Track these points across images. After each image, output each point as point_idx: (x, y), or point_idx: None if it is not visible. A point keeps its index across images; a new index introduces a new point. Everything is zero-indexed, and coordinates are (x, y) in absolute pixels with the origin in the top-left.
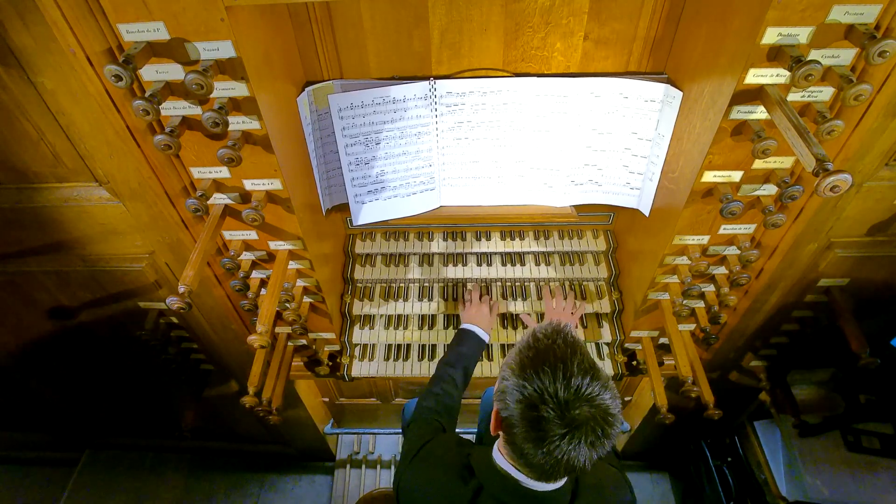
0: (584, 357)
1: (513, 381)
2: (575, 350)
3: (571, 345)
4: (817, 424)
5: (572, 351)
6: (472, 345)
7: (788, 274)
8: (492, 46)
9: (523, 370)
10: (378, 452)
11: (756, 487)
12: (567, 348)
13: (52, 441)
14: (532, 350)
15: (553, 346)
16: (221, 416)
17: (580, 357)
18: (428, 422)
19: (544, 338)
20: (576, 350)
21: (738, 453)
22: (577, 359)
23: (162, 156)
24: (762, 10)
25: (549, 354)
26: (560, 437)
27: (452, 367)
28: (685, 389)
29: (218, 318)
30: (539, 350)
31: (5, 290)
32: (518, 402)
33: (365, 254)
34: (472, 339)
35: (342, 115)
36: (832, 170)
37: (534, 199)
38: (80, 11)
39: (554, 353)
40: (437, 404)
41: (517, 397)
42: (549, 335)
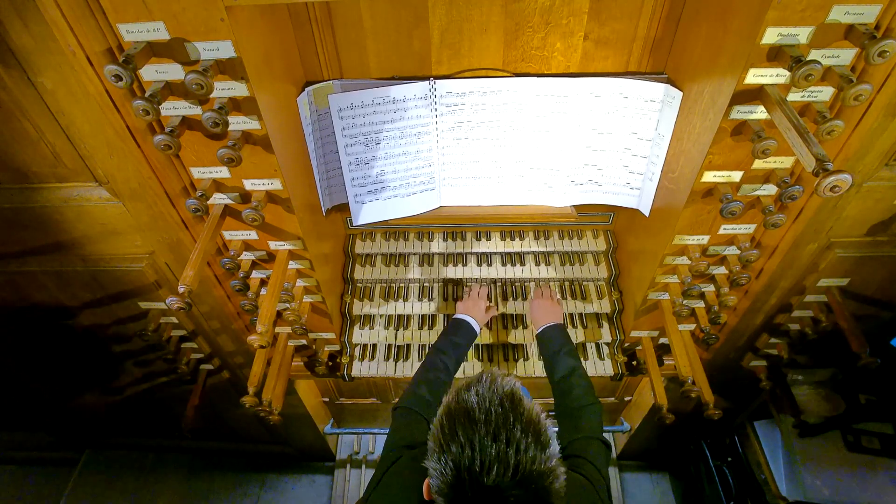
0: (515, 429)
1: (433, 463)
2: (504, 422)
3: (499, 415)
4: (817, 424)
5: (497, 426)
6: (466, 335)
7: (788, 274)
8: (492, 46)
9: (442, 451)
10: (378, 452)
11: (756, 487)
12: (490, 422)
13: (52, 441)
14: (450, 424)
15: (471, 423)
16: (221, 416)
17: (507, 432)
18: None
19: (462, 410)
20: (506, 421)
21: (738, 453)
22: (504, 436)
23: (162, 156)
24: (762, 10)
25: (469, 433)
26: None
27: (446, 356)
28: (685, 389)
29: (218, 318)
30: (456, 425)
31: (5, 290)
32: (441, 493)
33: (365, 254)
34: (466, 330)
35: (342, 115)
36: (832, 170)
37: (534, 199)
38: (80, 11)
39: (472, 430)
40: (429, 393)
41: (440, 487)
42: (469, 407)
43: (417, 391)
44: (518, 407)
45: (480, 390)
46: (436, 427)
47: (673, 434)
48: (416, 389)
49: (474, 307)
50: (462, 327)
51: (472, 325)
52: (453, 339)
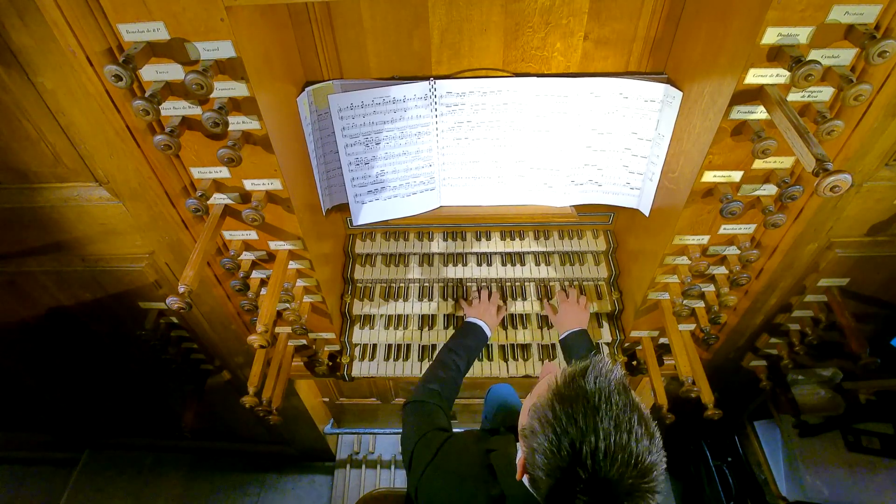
0: (634, 418)
1: (541, 442)
2: (624, 410)
3: (618, 404)
4: (817, 424)
5: (618, 414)
6: (478, 339)
7: (788, 274)
8: (492, 46)
9: (555, 432)
10: (378, 452)
11: (756, 487)
12: (612, 411)
13: (52, 441)
14: (568, 407)
15: (595, 409)
16: (221, 416)
17: (629, 422)
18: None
19: (585, 394)
20: (625, 409)
21: (738, 453)
22: (626, 426)
23: (162, 156)
24: (762, 10)
25: (591, 419)
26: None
27: (457, 356)
28: (685, 389)
29: (218, 318)
30: (576, 410)
31: (5, 290)
32: (546, 473)
33: (365, 254)
34: (477, 333)
35: (342, 115)
36: (832, 170)
37: (534, 199)
38: (80, 11)
39: (595, 417)
40: (441, 389)
41: (545, 467)
42: (591, 392)
43: (430, 386)
44: (632, 396)
45: (598, 377)
46: (544, 409)
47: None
48: (429, 386)
49: (486, 311)
50: (474, 331)
51: (483, 329)
52: (465, 341)
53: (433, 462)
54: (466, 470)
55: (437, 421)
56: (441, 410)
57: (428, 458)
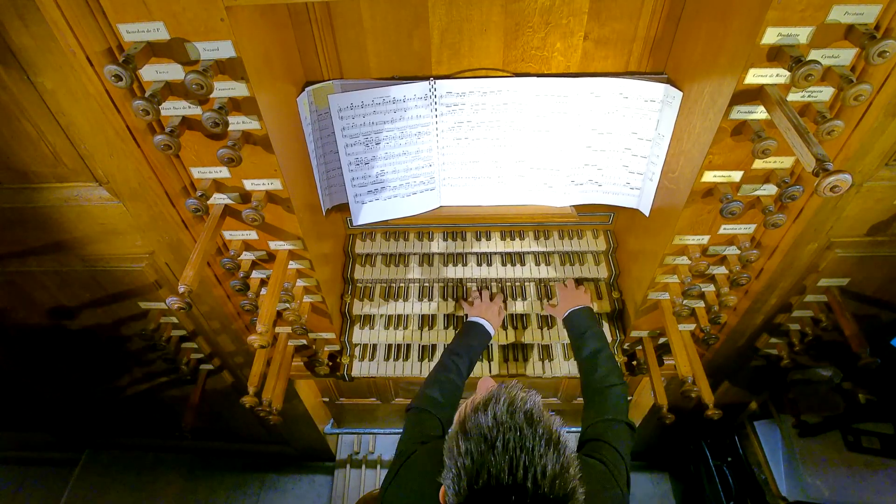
0: (546, 441)
1: (449, 474)
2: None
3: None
4: (817, 424)
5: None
6: (480, 337)
7: (788, 274)
8: (492, 46)
9: (459, 459)
10: (378, 452)
11: (756, 487)
12: (522, 436)
13: (52, 441)
14: (469, 436)
15: (497, 433)
16: (221, 416)
17: (533, 446)
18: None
19: (487, 418)
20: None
21: (738, 453)
22: (530, 450)
23: (162, 156)
24: (762, 10)
25: (491, 445)
26: None
27: (459, 357)
28: (685, 389)
29: (218, 318)
30: (479, 433)
31: (5, 290)
32: (454, 500)
33: (365, 254)
34: (480, 332)
35: (342, 115)
36: (832, 170)
37: (534, 199)
38: (80, 11)
39: (495, 443)
40: (441, 395)
41: (453, 497)
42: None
43: (429, 393)
44: (537, 428)
45: (498, 411)
46: (451, 444)
47: (673, 434)
48: (428, 391)
49: (488, 310)
50: (476, 330)
51: (486, 327)
52: (467, 341)
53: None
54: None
55: (425, 431)
56: (436, 419)
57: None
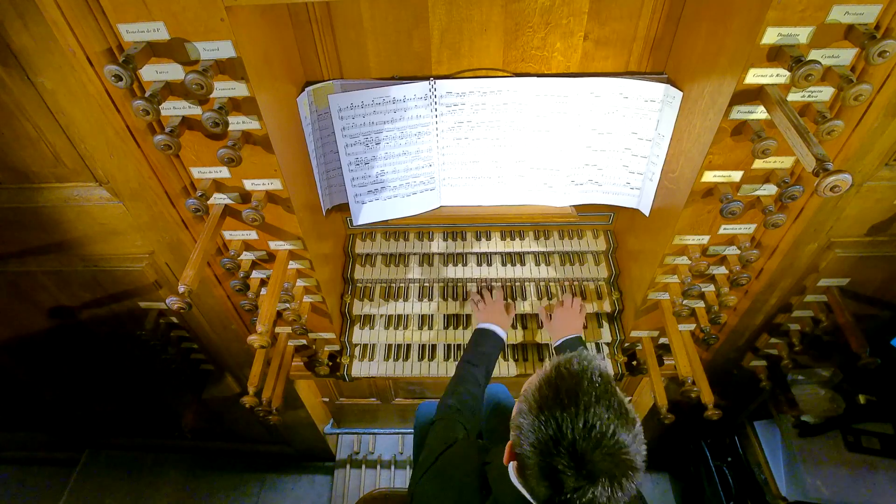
0: (613, 400)
1: (529, 419)
2: (604, 391)
3: (599, 386)
4: (817, 424)
5: (598, 394)
6: (493, 343)
7: (788, 274)
8: (492, 46)
9: (541, 410)
10: (378, 452)
11: (756, 487)
12: (593, 390)
13: (52, 441)
14: (553, 388)
15: (577, 387)
16: (221, 416)
17: (608, 401)
18: (451, 423)
19: (569, 375)
20: (605, 391)
21: (738, 453)
22: (605, 403)
23: (162, 156)
24: (762, 10)
25: (573, 395)
26: (573, 491)
27: (475, 367)
28: (685, 389)
29: (218, 318)
30: (561, 388)
31: (5, 290)
32: (532, 445)
33: (365, 254)
34: (492, 338)
35: (342, 115)
36: (832, 170)
37: (534, 199)
38: (80, 11)
39: (577, 393)
40: (460, 404)
41: (531, 440)
42: (574, 373)
43: (447, 402)
44: (612, 382)
45: (582, 362)
46: (533, 391)
47: (673, 434)
48: (446, 401)
49: (494, 313)
50: (487, 336)
51: (496, 332)
52: (481, 349)
53: (433, 467)
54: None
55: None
56: (460, 424)
57: (428, 464)
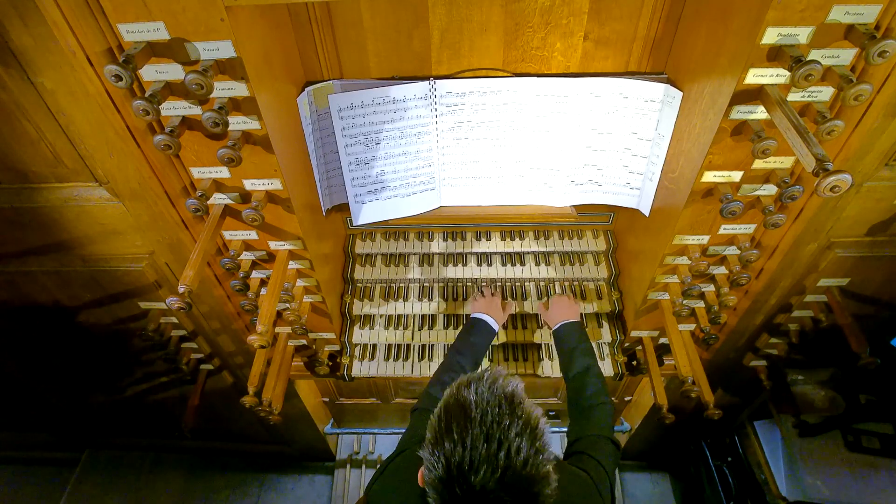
0: (522, 424)
1: (428, 450)
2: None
3: (507, 409)
4: (817, 424)
5: (501, 419)
6: (484, 334)
7: (788, 274)
8: (492, 46)
9: (439, 435)
10: (378, 452)
11: (756, 487)
12: (500, 415)
13: (52, 441)
14: (451, 412)
15: (476, 410)
16: (221, 416)
17: (509, 425)
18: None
19: (469, 395)
20: (511, 417)
21: (738, 453)
22: (505, 428)
23: (162, 156)
24: (762, 10)
25: (470, 420)
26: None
27: (462, 356)
28: (685, 389)
29: (218, 318)
30: (459, 410)
31: (5, 290)
32: (432, 483)
33: (365, 254)
34: (483, 329)
35: (342, 115)
36: (832, 170)
37: (534, 199)
38: (80, 11)
39: (475, 419)
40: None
41: (430, 476)
42: (478, 390)
43: (433, 392)
44: (516, 409)
45: (480, 388)
46: (433, 419)
47: (673, 434)
48: (431, 391)
49: (491, 305)
50: (479, 327)
51: (489, 323)
52: (470, 339)
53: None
54: (407, 488)
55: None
56: None
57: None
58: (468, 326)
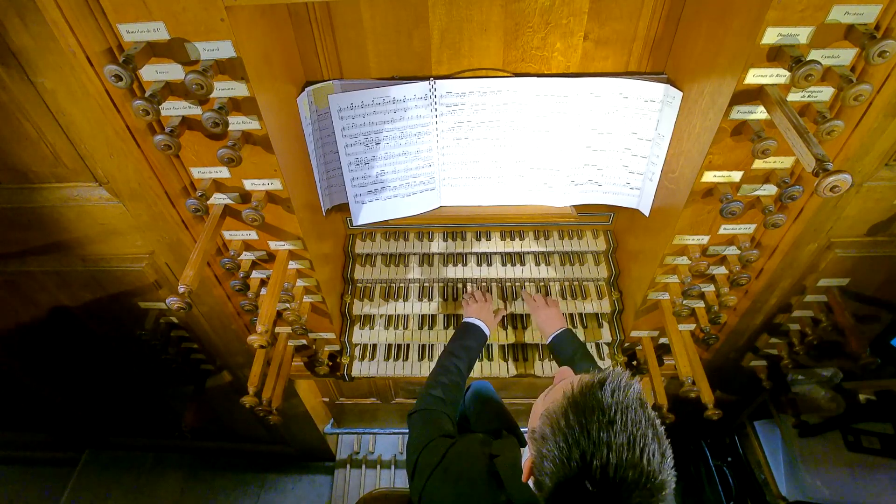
0: (653, 429)
1: (553, 445)
2: (644, 422)
3: (642, 414)
4: (817, 424)
5: (640, 424)
6: (477, 339)
7: (788, 274)
8: (492, 46)
9: (571, 434)
10: (378, 452)
11: (756, 487)
12: (639, 420)
13: (52, 441)
14: (585, 411)
15: (616, 413)
16: (221, 416)
17: (646, 431)
18: (436, 416)
19: (605, 396)
20: (646, 422)
21: (738, 453)
22: (644, 433)
23: (162, 156)
24: (762, 10)
25: (611, 422)
26: None
27: (458, 359)
28: (685, 390)
29: (218, 318)
30: (595, 410)
31: (5, 290)
32: (554, 478)
33: (365, 254)
34: (476, 334)
35: (342, 115)
36: (832, 170)
37: (534, 199)
38: (80, 11)
39: (616, 421)
40: (444, 395)
41: (552, 470)
42: (614, 391)
43: (432, 394)
44: (647, 412)
45: (616, 391)
46: (557, 416)
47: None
48: (431, 392)
49: (482, 310)
50: (472, 331)
51: (481, 328)
52: (464, 342)
53: (440, 466)
54: (473, 475)
55: (444, 427)
56: (447, 417)
57: (434, 463)
58: (461, 331)
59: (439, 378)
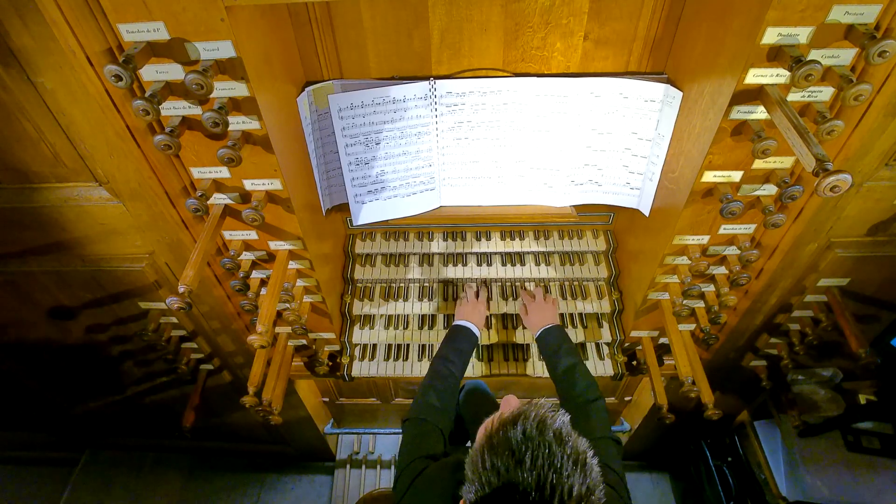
0: (574, 461)
1: (473, 488)
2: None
3: (557, 448)
4: (817, 424)
5: (552, 458)
6: (468, 340)
7: (788, 274)
8: (492, 46)
9: (484, 475)
10: (378, 452)
11: (756, 487)
12: (551, 455)
13: (52, 441)
14: (496, 451)
15: (525, 452)
16: (221, 416)
17: (562, 465)
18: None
19: (515, 434)
20: (562, 456)
21: (738, 453)
22: (559, 468)
23: (162, 156)
24: (762, 10)
25: (519, 461)
26: None
27: (452, 364)
28: (685, 390)
29: (218, 318)
30: (505, 449)
31: (5, 290)
32: None
33: (365, 254)
34: (467, 335)
35: (342, 115)
36: (832, 170)
37: (534, 199)
38: (80, 11)
39: (524, 460)
40: (438, 401)
41: (477, 500)
42: (525, 429)
43: (427, 400)
44: (566, 447)
45: (527, 427)
46: (475, 457)
47: (673, 434)
48: (425, 398)
49: (473, 312)
50: (463, 333)
51: (472, 329)
52: (455, 345)
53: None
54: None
55: (429, 444)
56: (437, 430)
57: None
58: (452, 334)
59: (434, 382)
